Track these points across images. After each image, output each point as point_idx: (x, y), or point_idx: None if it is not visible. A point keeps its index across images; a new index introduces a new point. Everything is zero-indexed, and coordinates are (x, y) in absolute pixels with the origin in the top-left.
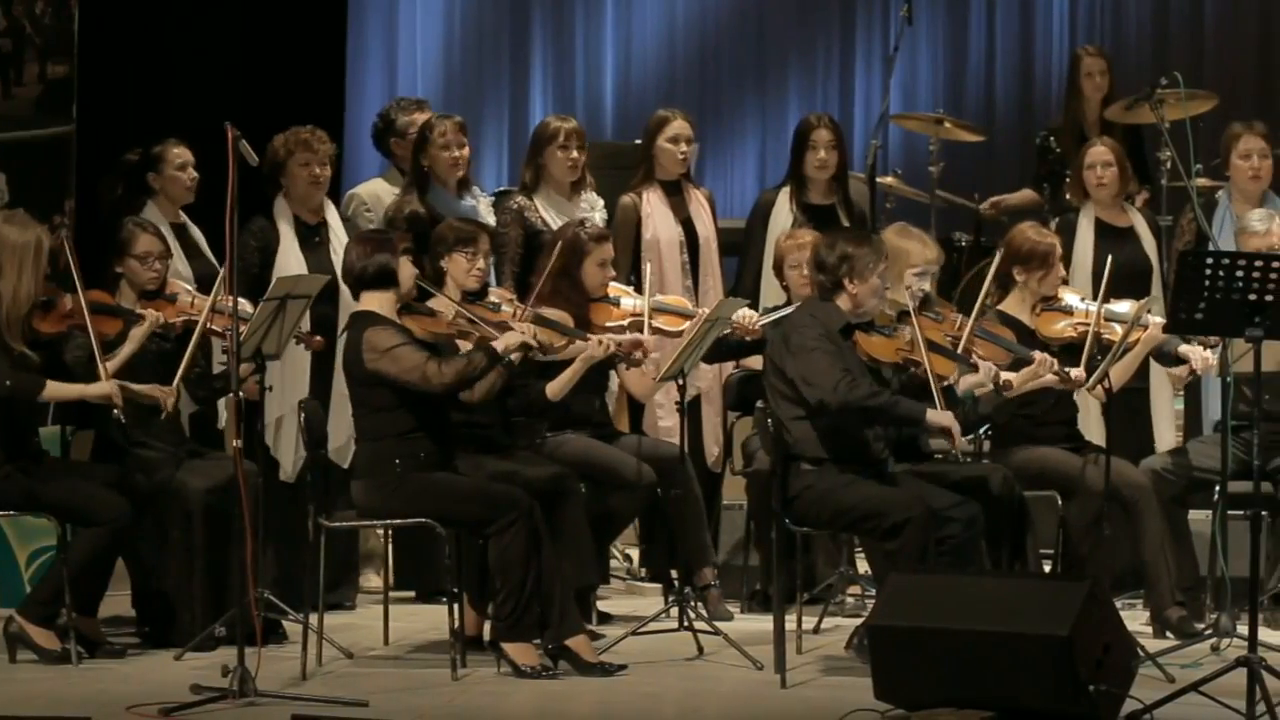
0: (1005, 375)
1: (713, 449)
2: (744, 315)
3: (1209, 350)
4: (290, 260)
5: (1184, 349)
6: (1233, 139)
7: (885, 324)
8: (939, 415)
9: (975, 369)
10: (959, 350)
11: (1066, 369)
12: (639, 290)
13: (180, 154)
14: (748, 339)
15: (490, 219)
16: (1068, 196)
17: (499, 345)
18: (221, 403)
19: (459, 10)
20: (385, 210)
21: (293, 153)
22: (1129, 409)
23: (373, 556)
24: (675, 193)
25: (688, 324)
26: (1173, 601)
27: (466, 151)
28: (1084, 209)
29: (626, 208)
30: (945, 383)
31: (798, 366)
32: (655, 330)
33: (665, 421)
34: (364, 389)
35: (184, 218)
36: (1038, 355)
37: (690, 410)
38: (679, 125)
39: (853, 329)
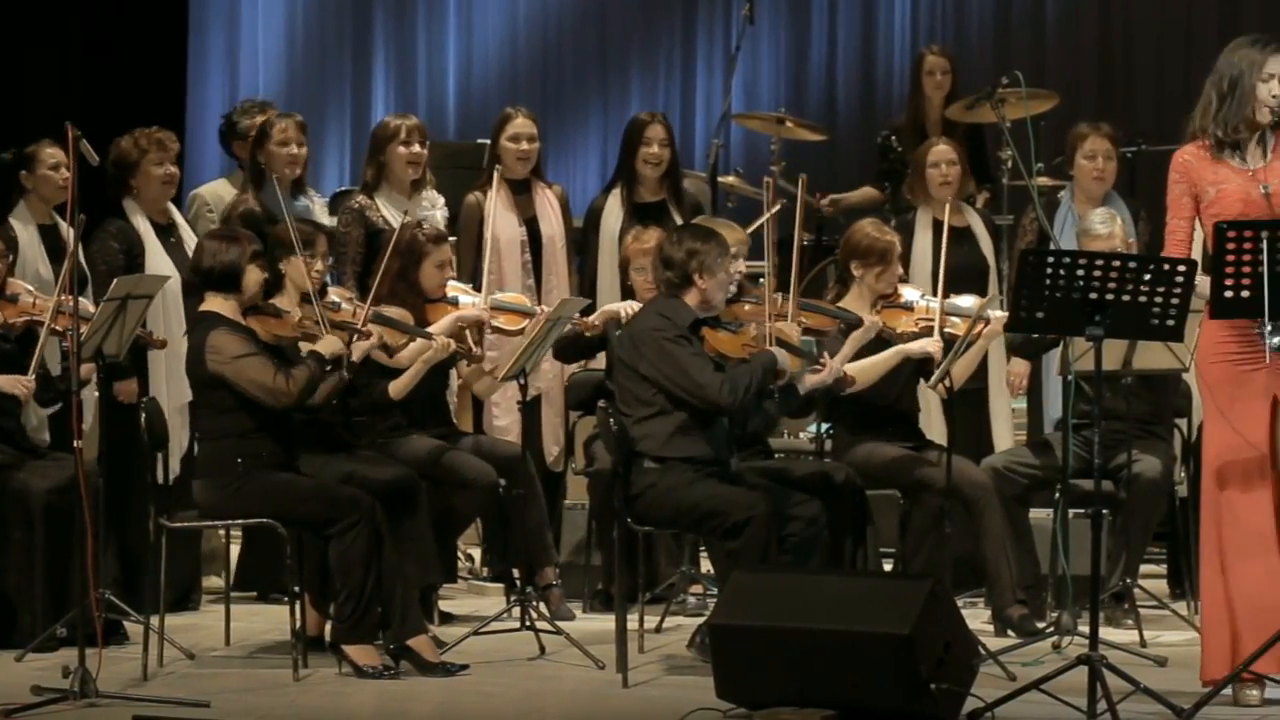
0: (839, 354)
1: (552, 449)
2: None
3: None
4: (159, 261)
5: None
6: (1079, 139)
7: (729, 320)
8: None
9: (821, 368)
10: (789, 319)
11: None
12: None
13: (53, 154)
14: (587, 334)
15: (325, 219)
16: (907, 195)
17: (322, 349)
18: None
19: (301, 9)
20: (222, 210)
21: (146, 152)
22: (969, 408)
23: (215, 557)
24: (523, 191)
25: (528, 323)
26: (1014, 600)
27: (305, 151)
28: (922, 208)
29: (470, 206)
30: (784, 381)
31: (670, 369)
32: (495, 329)
33: (501, 420)
34: (205, 390)
35: (55, 218)
36: (867, 318)
37: (530, 410)
38: (520, 123)
39: (701, 325)
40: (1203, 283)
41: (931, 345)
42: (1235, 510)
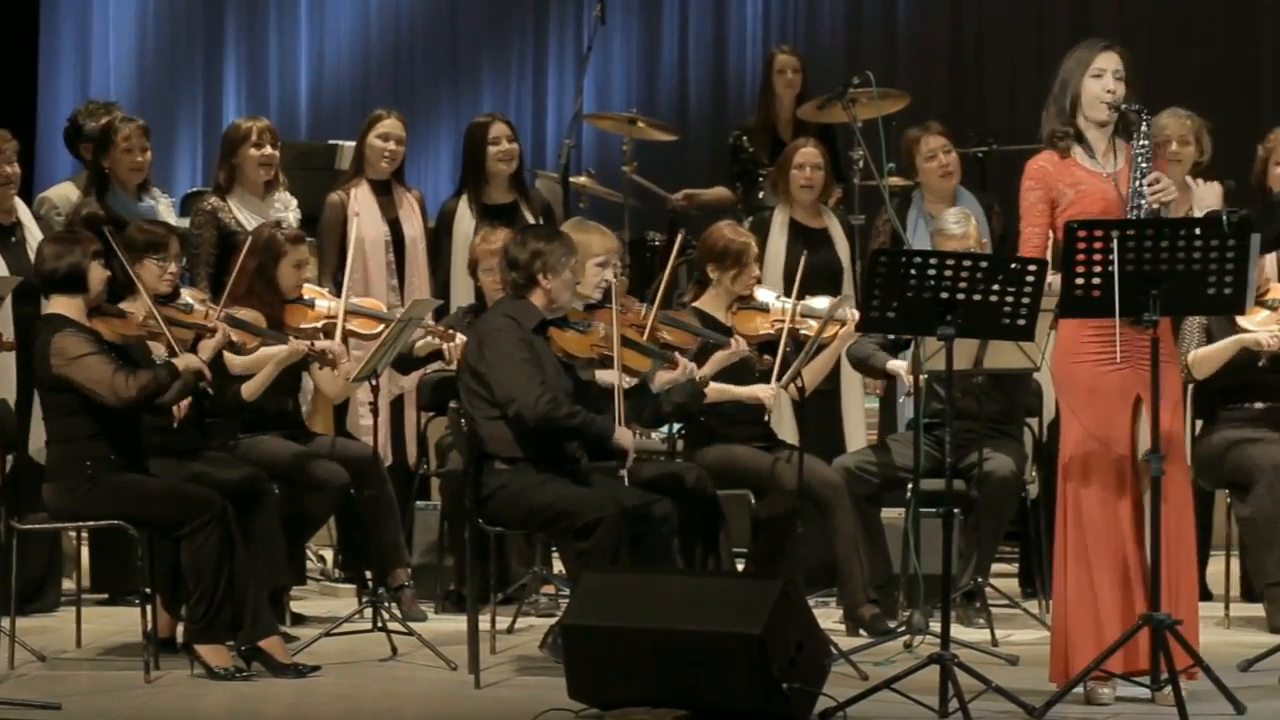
0: (700, 372)
1: (413, 449)
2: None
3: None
4: None
5: (892, 364)
6: (912, 143)
7: (578, 320)
8: (623, 436)
9: (673, 365)
10: (646, 337)
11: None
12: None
13: None
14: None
15: (172, 220)
16: (760, 195)
17: (179, 364)
18: None
19: (152, 8)
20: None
21: None
22: (821, 408)
23: (66, 559)
24: (385, 192)
25: (382, 326)
26: (866, 599)
27: (149, 156)
28: (779, 208)
29: (334, 205)
30: (633, 381)
31: (497, 373)
32: (350, 333)
33: (366, 420)
34: (52, 393)
35: None
36: (732, 340)
37: (395, 410)
38: (389, 124)
39: (547, 325)
40: (1056, 281)
41: (763, 393)
42: (1089, 510)
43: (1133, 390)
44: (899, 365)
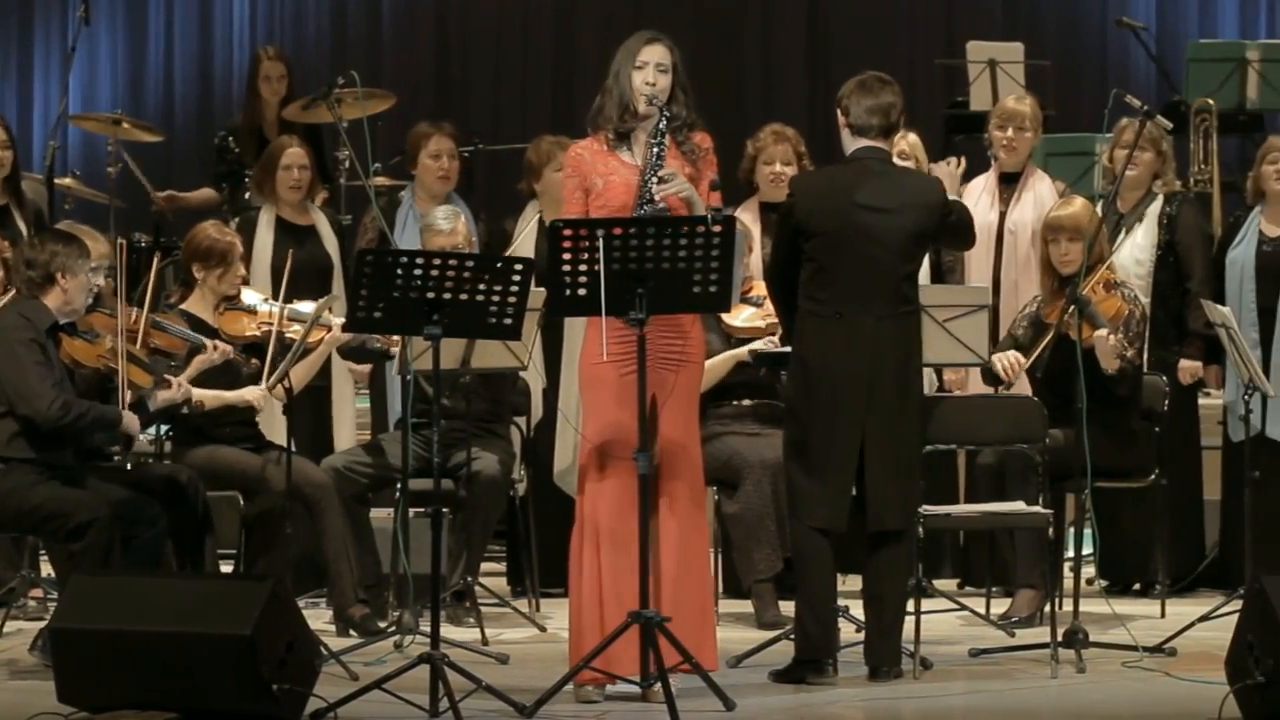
0: (183, 376)
1: None
2: None
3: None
4: None
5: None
6: (422, 138)
7: (85, 328)
8: (130, 422)
9: (169, 385)
10: (140, 343)
11: None
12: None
13: None
14: None
15: None
16: (247, 195)
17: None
18: None
19: None
20: None
21: None
22: (312, 407)
23: None
24: None
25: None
26: (355, 599)
27: None
28: (265, 208)
29: None
30: (137, 395)
31: (9, 372)
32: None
33: None
34: None
35: None
36: (208, 342)
37: None
38: None
39: (58, 330)
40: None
41: (252, 395)
42: (603, 509)
43: (649, 390)
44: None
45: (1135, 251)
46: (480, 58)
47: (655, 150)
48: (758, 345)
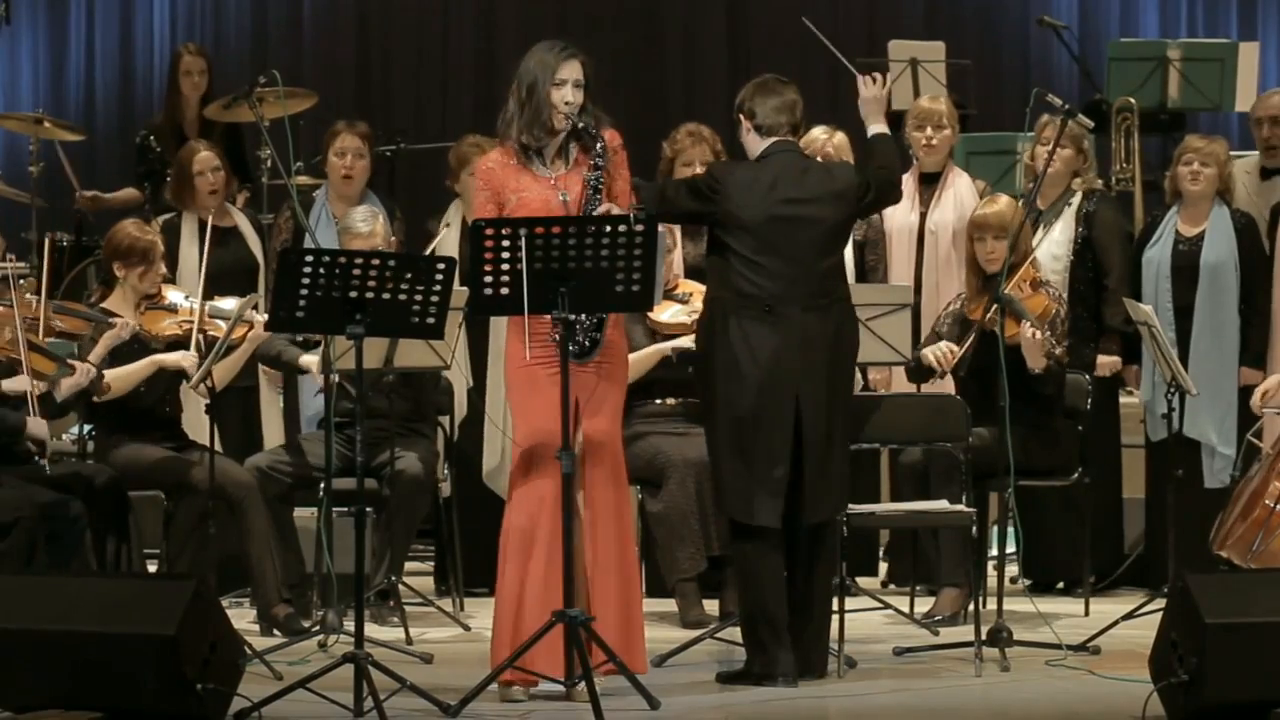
0: (108, 376)
1: None
2: None
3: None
4: None
5: (304, 360)
6: (332, 136)
7: None
8: (36, 426)
9: (73, 371)
10: (42, 329)
11: None
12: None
13: None
14: None
15: None
16: (169, 195)
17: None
18: None
19: None
20: None
21: None
22: (237, 407)
23: None
24: None
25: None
26: (279, 599)
27: None
28: (185, 217)
29: None
30: (43, 387)
31: None
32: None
33: None
34: None
35: None
36: (115, 320)
37: None
38: None
39: None
40: None
41: (186, 360)
42: (527, 510)
43: (572, 392)
44: (311, 361)
45: (1052, 247)
46: (402, 56)
47: (594, 173)
48: (682, 343)
